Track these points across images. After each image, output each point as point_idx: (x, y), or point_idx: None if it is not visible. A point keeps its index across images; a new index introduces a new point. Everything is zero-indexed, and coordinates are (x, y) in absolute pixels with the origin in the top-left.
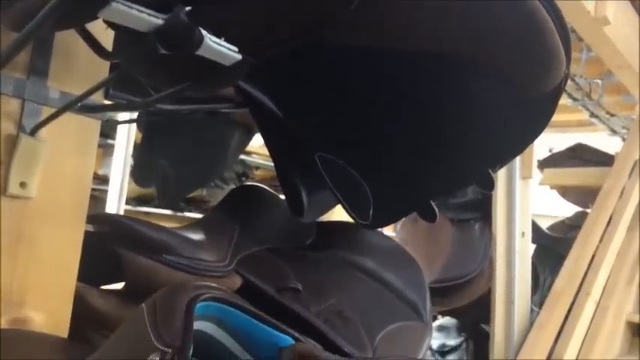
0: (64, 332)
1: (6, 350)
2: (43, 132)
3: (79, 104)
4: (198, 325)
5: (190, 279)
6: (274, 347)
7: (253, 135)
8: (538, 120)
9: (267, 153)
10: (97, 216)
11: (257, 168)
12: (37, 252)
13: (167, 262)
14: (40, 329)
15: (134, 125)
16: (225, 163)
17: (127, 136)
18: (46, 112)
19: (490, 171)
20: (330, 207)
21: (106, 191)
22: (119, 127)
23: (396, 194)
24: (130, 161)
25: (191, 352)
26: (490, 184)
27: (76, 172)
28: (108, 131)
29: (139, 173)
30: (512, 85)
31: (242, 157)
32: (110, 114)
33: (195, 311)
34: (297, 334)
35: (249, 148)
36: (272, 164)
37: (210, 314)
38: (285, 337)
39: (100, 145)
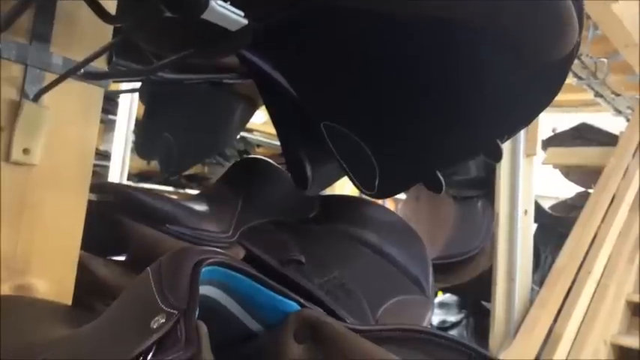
0: (67, 300)
1: (9, 316)
2: (46, 98)
3: (82, 71)
4: (203, 289)
5: None
6: (280, 313)
7: (257, 109)
8: (548, 89)
9: (269, 131)
10: (100, 185)
11: (259, 146)
12: (40, 219)
13: (171, 232)
14: (43, 296)
15: (136, 101)
16: (228, 136)
17: (128, 111)
18: (49, 78)
19: (498, 141)
20: (333, 180)
21: (107, 167)
22: (121, 102)
23: (402, 164)
24: (132, 137)
25: (197, 315)
26: (498, 155)
27: (80, 140)
28: (109, 107)
29: (141, 145)
30: (524, 52)
31: (244, 134)
32: (113, 85)
33: (201, 275)
34: (302, 301)
35: (251, 125)
36: (274, 142)
37: (216, 279)
38: (291, 304)
39: (101, 121)
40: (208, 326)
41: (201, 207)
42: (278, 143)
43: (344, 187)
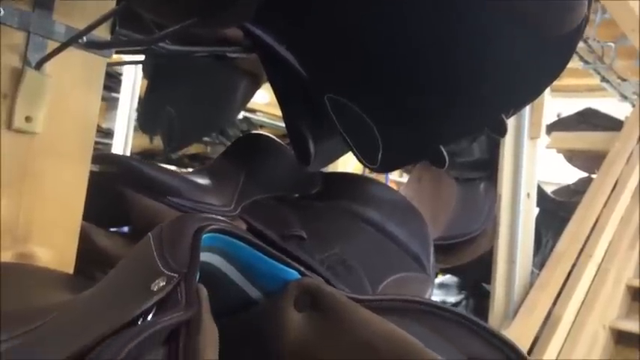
0: (69, 269)
1: (11, 282)
2: (49, 67)
3: (85, 40)
4: (204, 256)
5: None
6: (280, 281)
7: (260, 86)
8: (554, 63)
9: (272, 112)
10: (103, 156)
11: (262, 126)
12: (42, 187)
13: (172, 204)
14: (45, 265)
15: (139, 79)
16: (230, 112)
17: (131, 89)
18: (52, 46)
19: (503, 116)
20: (336, 157)
21: (110, 145)
22: (124, 80)
23: (405, 138)
24: (135, 116)
25: (197, 279)
26: (503, 130)
27: (82, 109)
28: (112, 84)
29: (144, 119)
30: (531, 24)
31: (247, 114)
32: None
33: (202, 242)
34: (303, 269)
35: (254, 106)
36: (277, 123)
37: (217, 246)
38: (292, 272)
39: (104, 99)
40: (208, 292)
41: (203, 180)
42: (281, 124)
43: (347, 164)
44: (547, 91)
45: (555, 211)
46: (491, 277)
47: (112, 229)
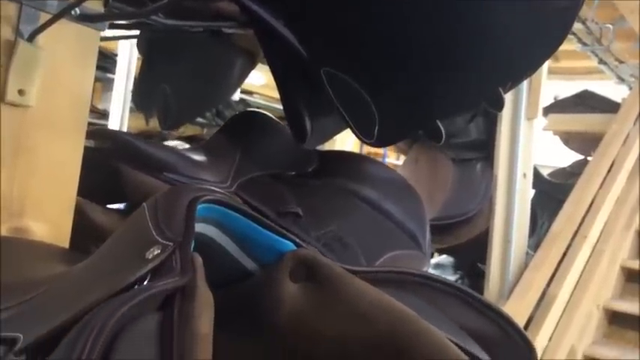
0: (65, 243)
1: (7, 255)
2: (42, 40)
3: (78, 13)
4: (199, 227)
5: None
6: (276, 253)
7: (256, 64)
8: (553, 36)
9: (267, 93)
10: (97, 131)
11: (258, 108)
12: (36, 161)
13: (168, 179)
14: (41, 239)
15: (134, 59)
16: (227, 90)
17: (126, 70)
18: (44, 18)
19: (500, 90)
20: (332, 134)
21: (106, 126)
22: (119, 61)
23: (402, 112)
24: (130, 96)
25: (192, 248)
26: (500, 104)
27: (76, 83)
28: (108, 65)
29: (139, 97)
30: None
31: (243, 96)
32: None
33: (197, 213)
34: (298, 240)
35: (250, 87)
36: (273, 105)
37: (212, 217)
38: (287, 243)
39: (99, 79)
40: (203, 263)
41: (199, 157)
42: (278, 106)
43: (345, 143)
44: (544, 72)
45: (551, 192)
46: (487, 257)
47: (108, 207)
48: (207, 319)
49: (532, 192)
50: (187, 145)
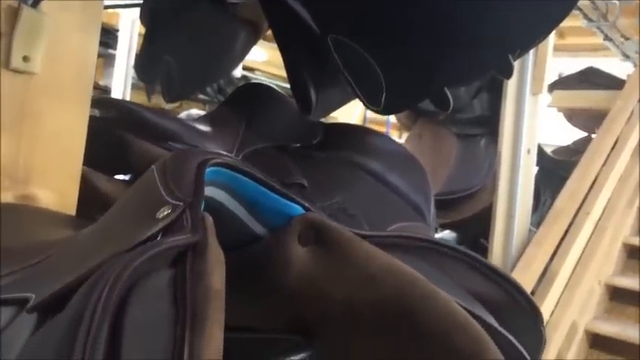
0: (71, 211)
1: (14, 221)
2: (46, 6)
3: None
4: (208, 191)
5: None
6: (285, 217)
7: (260, 36)
8: (562, 1)
9: (270, 70)
10: (103, 100)
11: None
12: (41, 129)
13: (173, 149)
14: (47, 207)
15: (135, 35)
16: (230, 62)
17: (128, 46)
18: None
19: (510, 57)
20: (337, 106)
21: None
22: (120, 36)
23: (409, 80)
24: (132, 72)
25: (202, 209)
26: (509, 71)
27: (80, 50)
28: (109, 41)
29: (142, 69)
30: None
31: (245, 73)
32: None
33: (206, 176)
34: (307, 205)
35: (252, 64)
36: (276, 82)
37: (221, 181)
38: (296, 207)
39: (101, 55)
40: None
41: (204, 127)
42: (280, 83)
43: (351, 117)
44: (550, 47)
45: (554, 170)
46: (490, 233)
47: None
48: (219, 276)
49: (536, 168)
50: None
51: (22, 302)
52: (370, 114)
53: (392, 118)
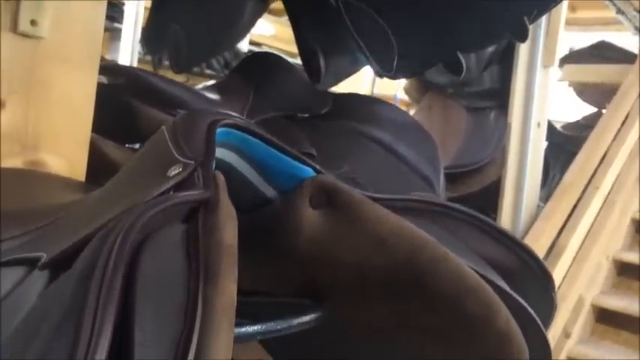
0: (80, 178)
1: (24, 184)
2: None
3: None
4: (219, 153)
5: None
6: (295, 179)
7: (268, 6)
8: None
9: (276, 45)
10: (111, 67)
11: None
12: (50, 94)
13: None
14: (57, 173)
15: (141, 9)
16: (239, 31)
17: (134, 19)
18: None
19: (525, 19)
20: (346, 74)
21: None
22: (126, 10)
23: (422, 44)
24: (138, 47)
25: (213, 167)
26: (524, 34)
27: (88, 15)
28: (115, 14)
29: (149, 39)
30: None
31: (252, 48)
32: None
33: (217, 137)
34: (318, 167)
35: (259, 39)
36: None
37: (232, 142)
38: (307, 169)
39: (107, 30)
40: None
41: (213, 95)
42: (287, 58)
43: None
44: (562, 19)
45: (564, 145)
46: (498, 206)
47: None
48: (231, 232)
49: (545, 143)
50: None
51: (33, 262)
52: (378, 90)
53: (400, 94)
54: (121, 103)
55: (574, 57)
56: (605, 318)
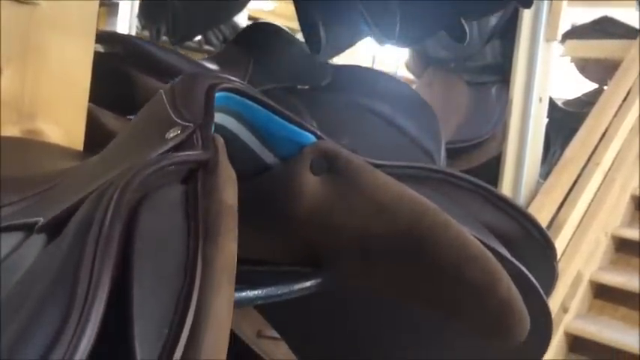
0: (78, 147)
1: (21, 152)
2: None
3: None
4: (218, 118)
5: None
6: (296, 145)
7: None
8: None
9: (276, 21)
10: (108, 35)
11: None
12: (46, 62)
13: None
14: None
15: None
16: (236, 4)
17: None
18: None
19: None
20: (347, 45)
21: None
22: None
23: (425, 10)
24: (136, 22)
25: (212, 131)
26: (529, 0)
27: None
28: None
29: (146, 11)
30: None
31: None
32: None
33: (216, 101)
34: (319, 133)
35: (257, 14)
36: None
37: (231, 108)
38: (308, 135)
39: (103, 4)
40: None
41: (211, 65)
42: None
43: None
44: None
45: (565, 121)
46: (499, 181)
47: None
48: (231, 192)
49: (546, 120)
50: None
51: (31, 227)
52: (377, 67)
53: (401, 71)
54: (118, 73)
55: (576, 32)
56: (603, 294)
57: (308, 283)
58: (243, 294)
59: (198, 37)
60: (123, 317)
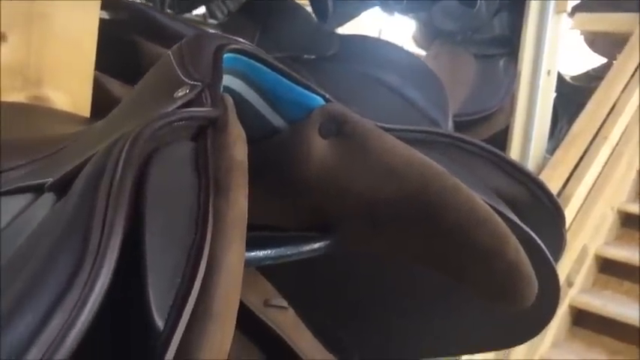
0: (85, 114)
1: (28, 117)
2: None
3: None
4: (226, 80)
5: None
6: (304, 108)
7: None
8: None
9: None
10: (113, 1)
11: None
12: (51, 28)
13: None
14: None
15: None
16: None
17: None
18: None
19: None
20: (353, 15)
21: None
22: None
23: None
24: None
25: (221, 90)
26: None
27: None
28: None
29: None
30: None
31: None
32: None
33: (224, 62)
34: (328, 96)
35: None
36: None
37: (239, 70)
38: (317, 98)
39: None
40: None
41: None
42: None
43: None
44: None
45: (572, 96)
46: (505, 154)
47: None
48: (241, 149)
49: (554, 96)
50: None
51: (38, 188)
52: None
53: (408, 44)
54: (123, 40)
55: (585, 5)
56: (608, 268)
57: (316, 245)
58: (253, 254)
59: (202, 11)
60: (135, 268)
